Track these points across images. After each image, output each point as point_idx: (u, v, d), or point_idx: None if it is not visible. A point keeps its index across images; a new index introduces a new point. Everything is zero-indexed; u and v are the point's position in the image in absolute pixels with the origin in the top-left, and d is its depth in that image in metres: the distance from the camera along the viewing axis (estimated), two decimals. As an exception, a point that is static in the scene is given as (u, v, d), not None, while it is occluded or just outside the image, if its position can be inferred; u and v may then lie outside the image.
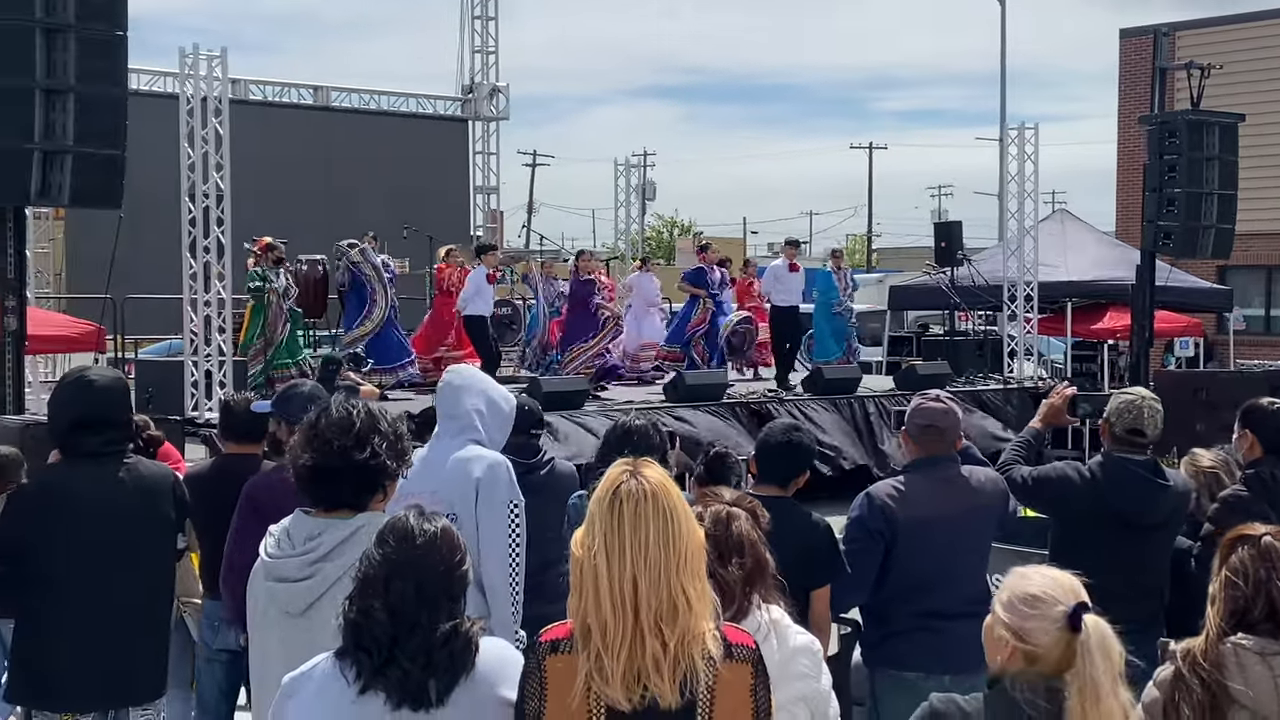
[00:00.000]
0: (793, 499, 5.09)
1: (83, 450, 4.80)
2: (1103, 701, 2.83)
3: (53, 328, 16.10)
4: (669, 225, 65.79)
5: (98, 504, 4.74)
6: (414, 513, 3.13)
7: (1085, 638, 2.87)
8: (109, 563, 4.73)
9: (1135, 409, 5.53)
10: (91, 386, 4.84)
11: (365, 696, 2.98)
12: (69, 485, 4.79)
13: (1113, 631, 2.91)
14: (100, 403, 4.82)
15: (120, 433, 4.88)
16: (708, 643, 2.87)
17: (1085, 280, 21.23)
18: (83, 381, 4.89)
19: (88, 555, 4.72)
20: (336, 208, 22.95)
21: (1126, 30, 30.85)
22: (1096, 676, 2.84)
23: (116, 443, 4.84)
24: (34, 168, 10.97)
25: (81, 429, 4.79)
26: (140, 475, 4.85)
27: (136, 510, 4.79)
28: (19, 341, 11.72)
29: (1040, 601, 2.95)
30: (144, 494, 4.82)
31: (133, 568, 4.79)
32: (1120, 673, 2.88)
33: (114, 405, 4.87)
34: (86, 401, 4.82)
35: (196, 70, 13.63)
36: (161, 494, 4.89)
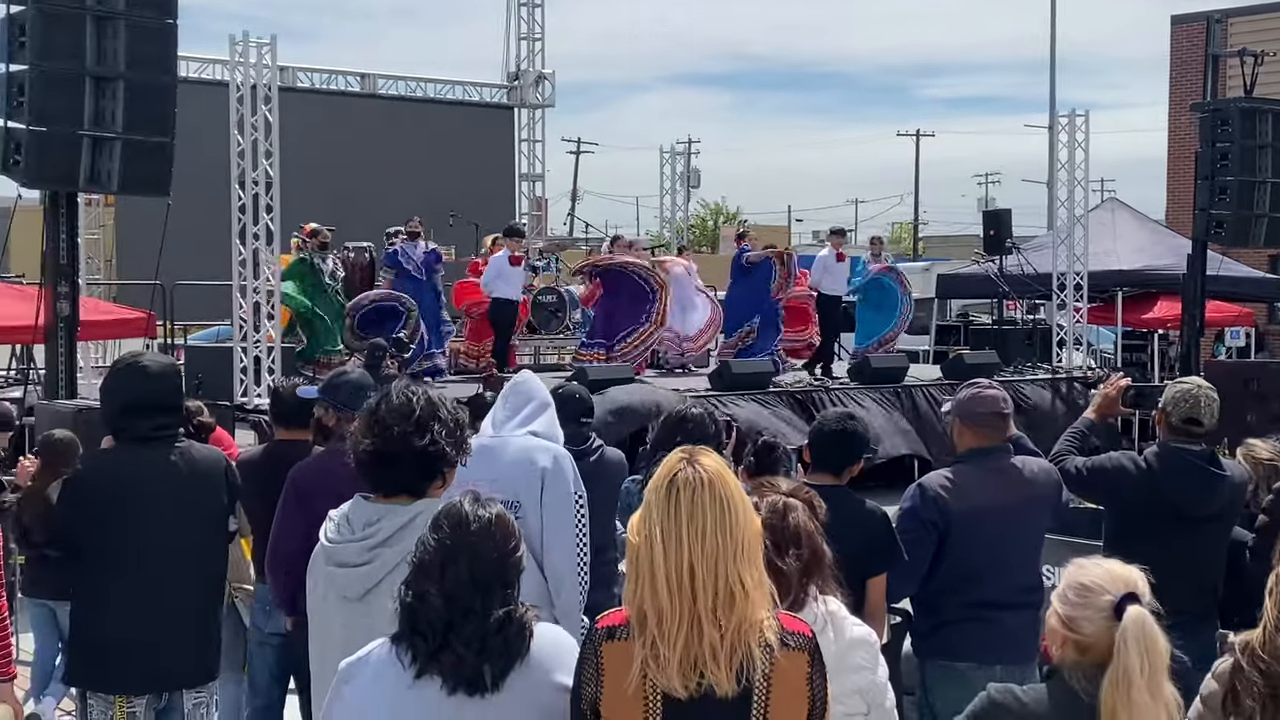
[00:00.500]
0: (847, 487, 5.07)
1: (135, 435, 4.84)
2: (1134, 693, 2.81)
3: (104, 314, 16.27)
4: (714, 213, 65.68)
5: (150, 488, 4.78)
6: (469, 498, 3.13)
7: (1123, 629, 2.85)
8: (162, 547, 4.77)
9: (1192, 399, 5.47)
10: (145, 372, 4.88)
11: (421, 681, 2.98)
12: (122, 470, 4.83)
13: (1158, 625, 2.88)
14: (153, 389, 4.86)
15: (172, 418, 4.93)
16: (764, 631, 2.86)
17: (1136, 269, 21.04)
18: (136, 367, 4.92)
19: (141, 539, 4.76)
20: (383, 195, 23.00)
21: (1178, 17, 30.51)
22: (1130, 668, 2.82)
23: (169, 428, 4.88)
24: (83, 154, 11.08)
25: (134, 414, 4.83)
26: (192, 460, 4.89)
27: (189, 495, 4.83)
28: (71, 327, 11.85)
29: (1089, 591, 2.95)
30: (196, 478, 4.86)
31: (185, 552, 4.83)
32: (1164, 666, 2.85)
33: (167, 391, 4.91)
34: (139, 387, 4.86)
35: (246, 58, 13.69)
36: (213, 478, 4.92)
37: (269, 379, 12.94)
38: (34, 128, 11.01)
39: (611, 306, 16.85)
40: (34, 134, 11.03)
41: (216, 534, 4.99)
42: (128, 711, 4.77)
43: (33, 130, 11.02)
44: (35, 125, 10.99)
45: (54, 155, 11.08)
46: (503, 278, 15.66)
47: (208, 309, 19.16)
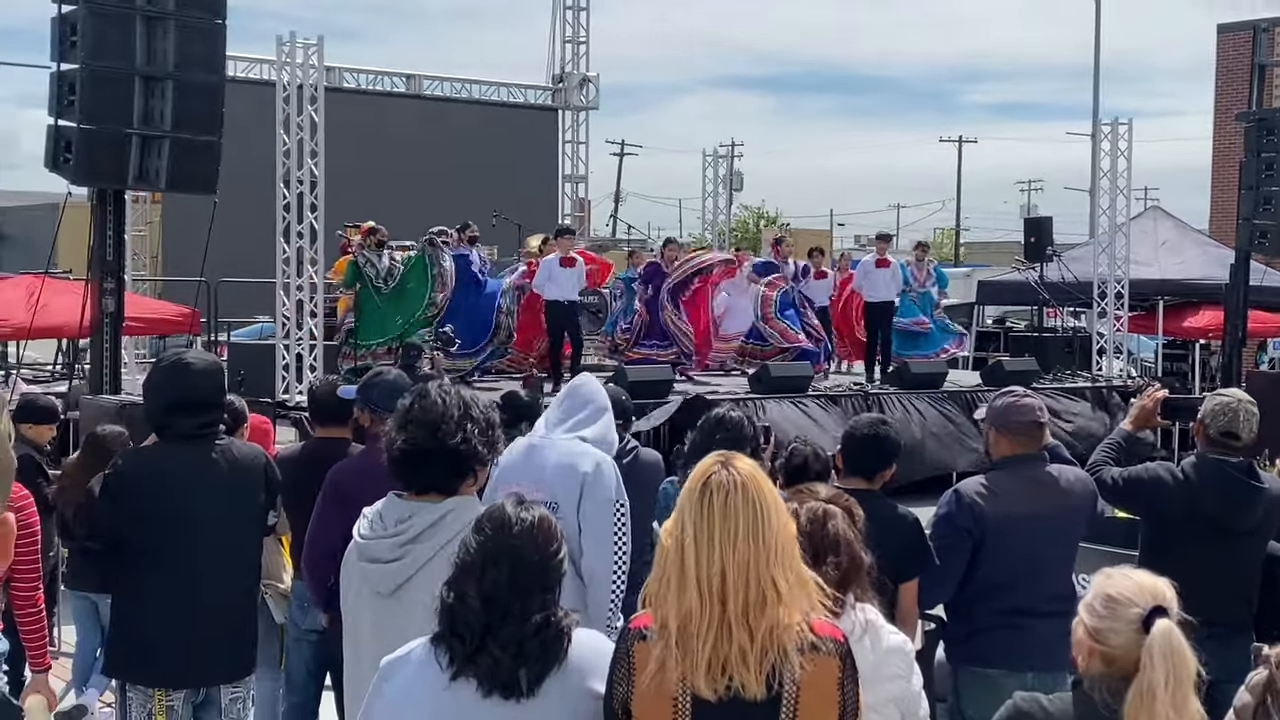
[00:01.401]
0: (879, 492, 5.09)
1: (178, 432, 4.89)
2: (1158, 707, 2.80)
3: (148, 310, 16.44)
4: (756, 216, 65.54)
5: (192, 485, 4.83)
6: (512, 501, 3.15)
7: (1150, 643, 2.84)
8: (202, 543, 4.81)
9: (1231, 411, 5.45)
10: (189, 370, 4.93)
11: (457, 683, 3.00)
12: (164, 466, 4.88)
13: (1186, 639, 2.87)
14: (197, 386, 4.90)
15: (215, 415, 4.97)
16: (796, 635, 2.87)
17: (1177, 278, 20.90)
18: (180, 365, 4.97)
19: (181, 535, 4.81)
20: (427, 195, 23.10)
21: (1224, 25, 30.29)
22: (1155, 682, 2.80)
23: (211, 425, 4.93)
24: (132, 152, 11.21)
25: (178, 411, 4.87)
26: (233, 457, 4.93)
27: (229, 492, 4.88)
28: (117, 323, 11.98)
29: (1117, 603, 2.94)
30: (237, 475, 4.91)
31: (225, 548, 4.88)
32: (1190, 681, 2.84)
33: (210, 389, 4.96)
34: (184, 385, 4.90)
35: (293, 58, 13.81)
36: (254, 475, 4.97)
37: (310, 376, 13.04)
38: (84, 126, 11.14)
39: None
40: (84, 132, 11.15)
41: (256, 531, 5.04)
42: (166, 705, 4.82)
43: (82, 128, 11.15)
44: (85, 124, 11.12)
45: (103, 153, 11.21)
46: (553, 280, 15.72)
47: (251, 306, 19.30)
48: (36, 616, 5.28)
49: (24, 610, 5.26)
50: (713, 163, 29.33)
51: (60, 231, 14.44)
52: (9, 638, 5.37)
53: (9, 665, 5.51)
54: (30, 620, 5.26)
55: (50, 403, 8.53)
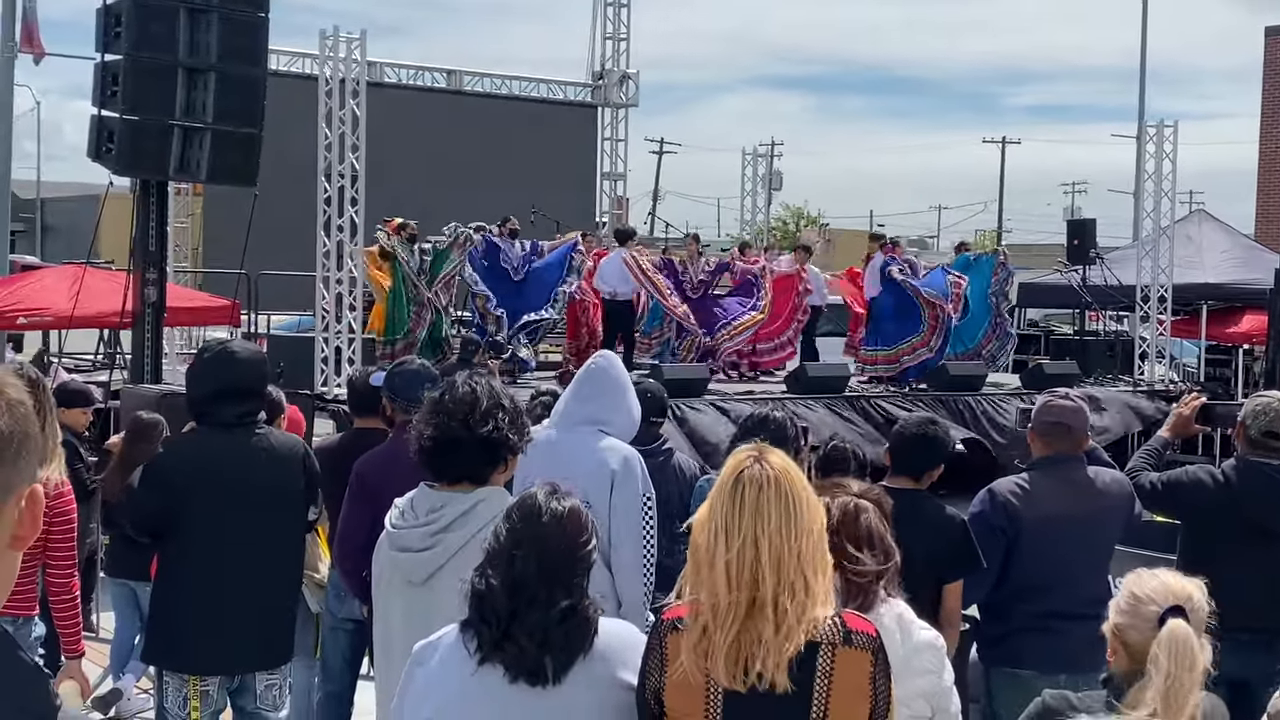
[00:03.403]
0: (927, 492, 5.07)
1: (220, 421, 4.92)
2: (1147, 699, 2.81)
3: (189, 301, 16.55)
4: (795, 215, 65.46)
5: (231, 474, 4.86)
6: (545, 490, 3.15)
7: (1157, 641, 2.85)
8: (240, 532, 4.85)
9: (1272, 411, 5.41)
10: (234, 358, 4.97)
11: (484, 668, 3.01)
12: (204, 455, 4.92)
13: (1195, 640, 2.86)
14: (242, 375, 4.95)
15: (257, 405, 5.01)
16: (826, 629, 2.87)
17: (1221, 283, 20.72)
18: (225, 354, 5.01)
19: (220, 523, 4.84)
20: (466, 190, 23.18)
21: (1272, 28, 30.00)
22: (1158, 680, 2.81)
23: (252, 414, 4.97)
24: (174, 144, 11.28)
25: (221, 400, 4.91)
26: (272, 446, 4.97)
27: (268, 480, 4.91)
28: (158, 313, 12.06)
29: (1139, 602, 2.97)
30: (275, 464, 4.94)
31: (263, 537, 4.91)
32: (1195, 684, 2.83)
33: (255, 378, 5.00)
34: (229, 374, 4.94)
35: (336, 52, 13.87)
36: (292, 464, 5.00)
37: (349, 369, 13.10)
38: (127, 117, 11.22)
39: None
40: (126, 123, 11.24)
41: (294, 520, 5.06)
42: (201, 690, 4.86)
43: (125, 119, 11.23)
44: (128, 114, 11.21)
45: (146, 144, 11.29)
46: (620, 279, 16.17)
47: (290, 299, 19.40)
48: (71, 602, 5.32)
49: (58, 595, 5.31)
50: (752, 162, 29.31)
51: (102, 222, 14.56)
52: (45, 622, 5.43)
53: (44, 649, 5.56)
54: (65, 605, 5.31)
55: (85, 387, 8.60)
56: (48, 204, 49.66)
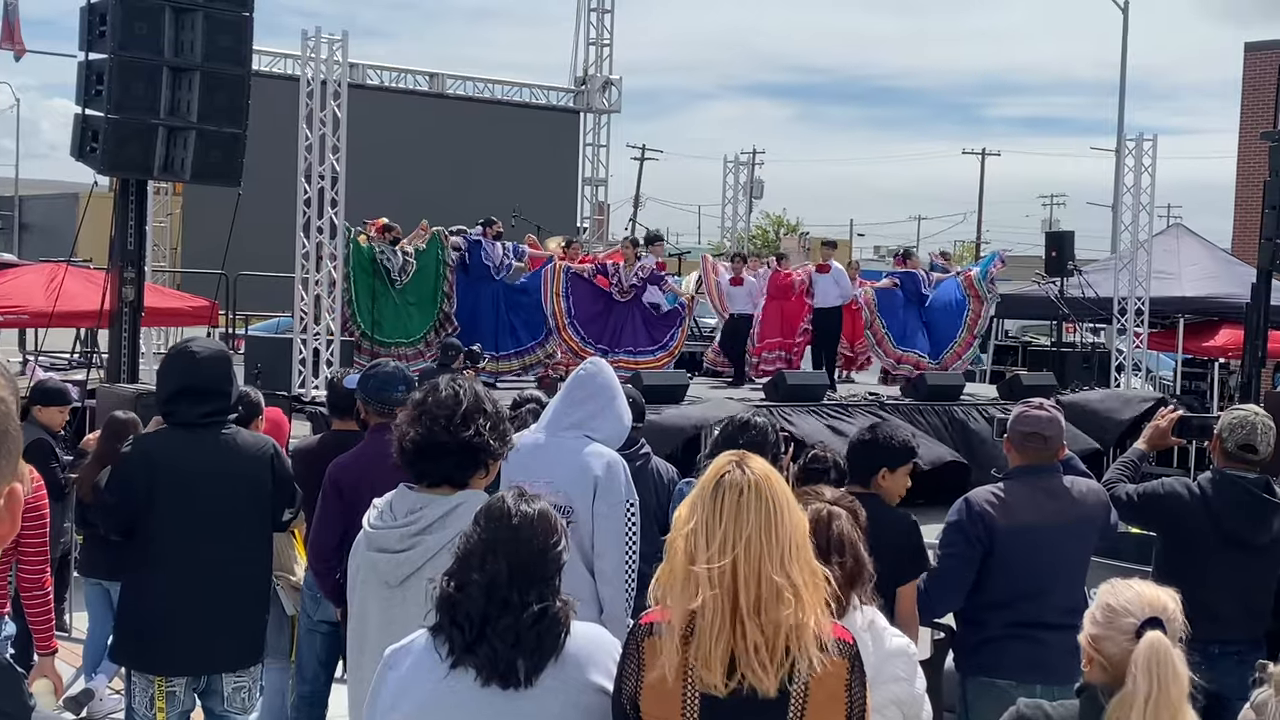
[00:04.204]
0: (874, 495, 5.08)
1: (183, 419, 4.92)
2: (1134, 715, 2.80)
3: (168, 301, 16.49)
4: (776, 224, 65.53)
5: (195, 473, 4.84)
6: (513, 494, 3.16)
7: (1136, 653, 2.85)
8: (204, 530, 4.82)
9: (1248, 425, 5.44)
10: (195, 358, 4.96)
11: (456, 672, 3.01)
12: (167, 454, 4.91)
13: (1175, 653, 2.87)
14: (203, 374, 4.93)
15: (221, 404, 4.97)
16: (806, 635, 2.87)
17: (1198, 296, 20.84)
18: (186, 353, 5.01)
19: (183, 522, 4.82)
20: (447, 194, 23.15)
21: (1252, 44, 30.21)
22: (1138, 692, 2.82)
23: (217, 414, 4.94)
24: (158, 143, 11.24)
25: (182, 399, 4.91)
26: (238, 445, 4.94)
27: (232, 479, 4.88)
28: (136, 312, 12.00)
29: (1114, 613, 2.97)
30: (241, 463, 4.91)
31: (228, 536, 4.88)
32: (1179, 695, 2.84)
33: (216, 377, 4.97)
34: (190, 372, 4.94)
35: (318, 53, 13.86)
36: (259, 464, 4.97)
37: (327, 371, 13.08)
38: (111, 116, 11.18)
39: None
40: (111, 122, 11.19)
41: (262, 521, 5.03)
42: (167, 691, 4.84)
43: (109, 118, 11.19)
44: (112, 113, 11.16)
45: (130, 143, 11.24)
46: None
47: (269, 300, 19.36)
48: (43, 600, 5.30)
49: (31, 594, 5.29)
50: (733, 169, 29.31)
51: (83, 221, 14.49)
52: (17, 621, 5.41)
53: (15, 649, 5.54)
54: (37, 604, 5.29)
55: (63, 386, 8.57)
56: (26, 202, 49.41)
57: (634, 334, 16.40)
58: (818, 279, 17.51)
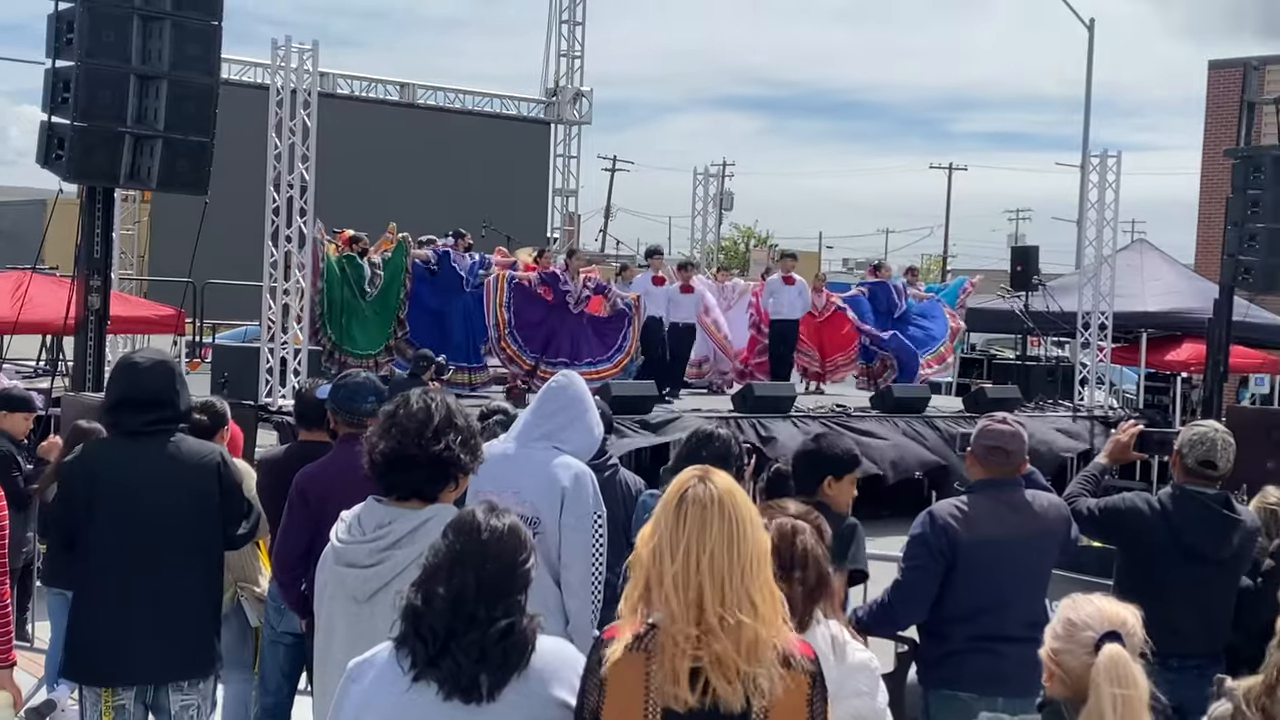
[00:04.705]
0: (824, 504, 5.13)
1: (124, 429, 4.90)
2: None
3: (134, 309, 16.41)
4: (746, 236, 65.66)
5: (135, 480, 4.80)
6: (483, 508, 3.15)
7: (1096, 667, 2.88)
8: (144, 540, 4.77)
9: (1208, 441, 5.48)
10: (135, 368, 4.94)
11: (418, 685, 3.01)
12: (108, 463, 4.87)
13: (1135, 666, 2.91)
14: (143, 384, 4.89)
15: (164, 413, 4.91)
16: (768, 651, 2.89)
17: (1161, 311, 21.01)
18: (128, 363, 4.99)
19: (122, 532, 4.77)
20: (417, 204, 23.11)
21: (1215, 62, 30.50)
22: (1102, 706, 2.84)
23: (160, 423, 4.89)
24: (125, 151, 11.18)
25: (125, 409, 4.88)
26: (181, 453, 4.88)
27: (175, 488, 4.82)
28: (101, 321, 11.92)
29: (1075, 628, 2.99)
30: (185, 472, 4.84)
31: (171, 545, 4.81)
32: (1140, 708, 2.87)
33: (157, 387, 4.91)
34: (131, 383, 4.91)
35: (288, 63, 13.84)
36: (204, 473, 4.89)
37: (294, 380, 13.04)
38: (77, 123, 11.11)
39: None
40: (77, 129, 11.13)
41: (208, 530, 4.93)
42: (115, 704, 4.78)
43: (76, 126, 11.12)
44: (79, 121, 11.09)
45: (96, 151, 11.17)
46: (649, 298, 16.42)
47: (237, 309, 19.30)
48: (3, 610, 5.26)
49: None
50: (703, 181, 29.36)
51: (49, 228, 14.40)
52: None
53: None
54: None
55: (27, 393, 8.52)
56: (-9, 207, 49.03)
57: (588, 344, 16.34)
58: (784, 290, 17.53)
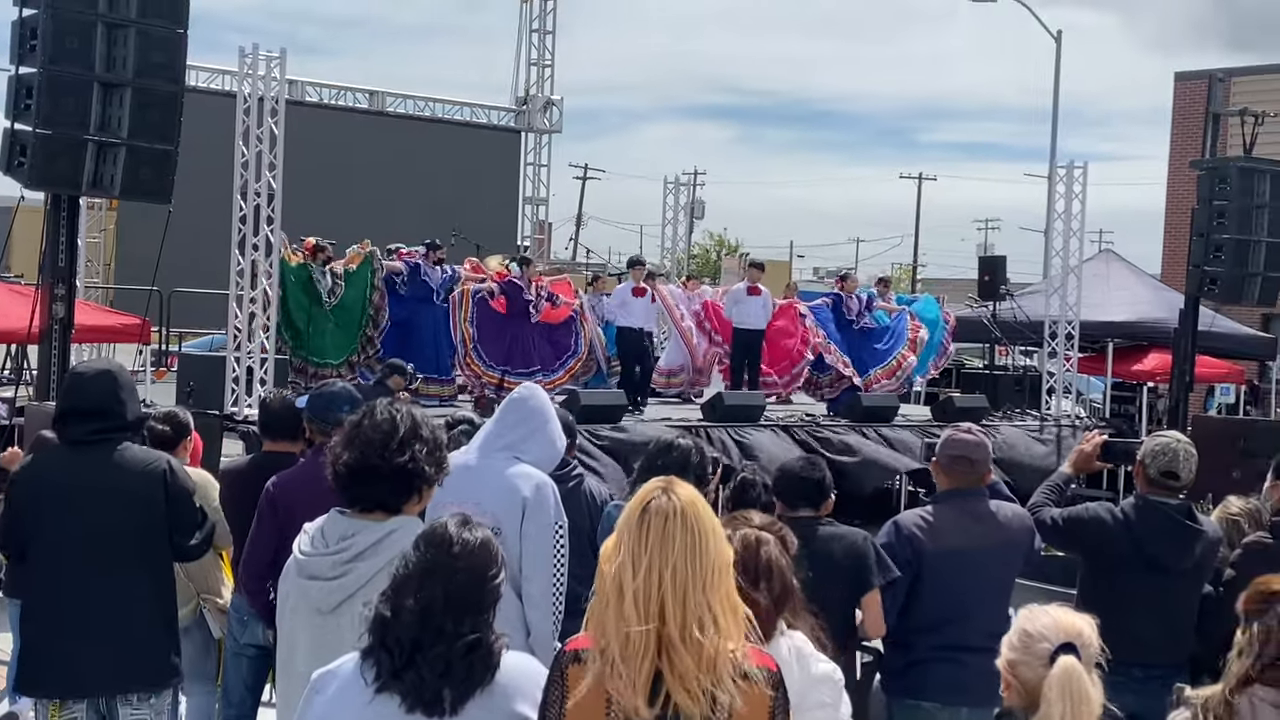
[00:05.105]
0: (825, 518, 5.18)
1: (67, 439, 4.90)
2: None
3: (100, 318, 16.30)
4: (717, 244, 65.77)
5: (79, 489, 4.76)
6: (456, 520, 3.14)
7: (1050, 678, 2.90)
8: (91, 549, 4.73)
9: (1170, 451, 5.51)
10: (79, 379, 4.97)
11: (381, 697, 3.00)
12: (50, 473, 4.86)
13: (1087, 678, 2.92)
14: (86, 394, 4.88)
15: (109, 422, 4.88)
16: (729, 662, 2.89)
17: (1128, 321, 21.12)
18: (73, 374, 5.06)
19: (69, 541, 4.73)
20: (386, 212, 23.08)
21: (1181, 74, 30.72)
22: (1052, 717, 2.86)
23: (105, 432, 4.86)
24: (88, 159, 11.11)
25: (69, 419, 4.89)
26: (125, 462, 4.84)
27: (119, 495, 4.78)
28: (66, 330, 11.84)
29: (1030, 638, 3.02)
30: (128, 479, 4.80)
31: (116, 555, 4.76)
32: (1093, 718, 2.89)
33: (99, 396, 4.88)
34: (74, 393, 4.92)
35: (255, 70, 13.78)
36: (148, 481, 4.83)
37: (260, 390, 12.98)
38: (40, 130, 11.04)
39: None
40: (40, 137, 11.06)
41: (153, 538, 4.86)
42: (67, 717, 4.73)
43: (39, 133, 11.05)
44: (41, 128, 11.02)
45: (59, 159, 11.10)
46: (626, 308, 16.26)
47: (204, 317, 19.20)
48: None
49: None
50: (674, 190, 29.38)
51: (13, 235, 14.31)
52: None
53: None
54: None
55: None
56: (-44, 215, 48.70)
57: (541, 354, 16.28)
58: (748, 300, 17.53)
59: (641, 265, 17.30)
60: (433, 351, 15.58)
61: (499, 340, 15.85)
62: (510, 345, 15.92)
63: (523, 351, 16.00)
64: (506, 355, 15.85)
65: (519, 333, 16.02)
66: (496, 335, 15.82)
